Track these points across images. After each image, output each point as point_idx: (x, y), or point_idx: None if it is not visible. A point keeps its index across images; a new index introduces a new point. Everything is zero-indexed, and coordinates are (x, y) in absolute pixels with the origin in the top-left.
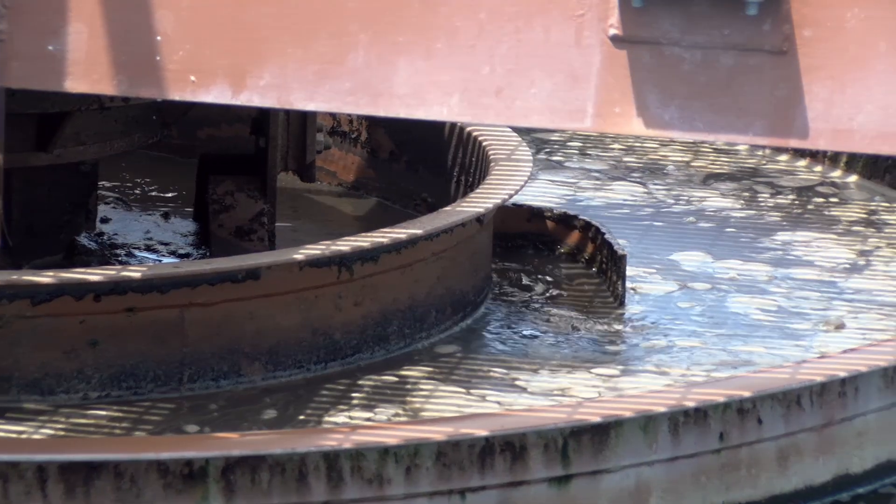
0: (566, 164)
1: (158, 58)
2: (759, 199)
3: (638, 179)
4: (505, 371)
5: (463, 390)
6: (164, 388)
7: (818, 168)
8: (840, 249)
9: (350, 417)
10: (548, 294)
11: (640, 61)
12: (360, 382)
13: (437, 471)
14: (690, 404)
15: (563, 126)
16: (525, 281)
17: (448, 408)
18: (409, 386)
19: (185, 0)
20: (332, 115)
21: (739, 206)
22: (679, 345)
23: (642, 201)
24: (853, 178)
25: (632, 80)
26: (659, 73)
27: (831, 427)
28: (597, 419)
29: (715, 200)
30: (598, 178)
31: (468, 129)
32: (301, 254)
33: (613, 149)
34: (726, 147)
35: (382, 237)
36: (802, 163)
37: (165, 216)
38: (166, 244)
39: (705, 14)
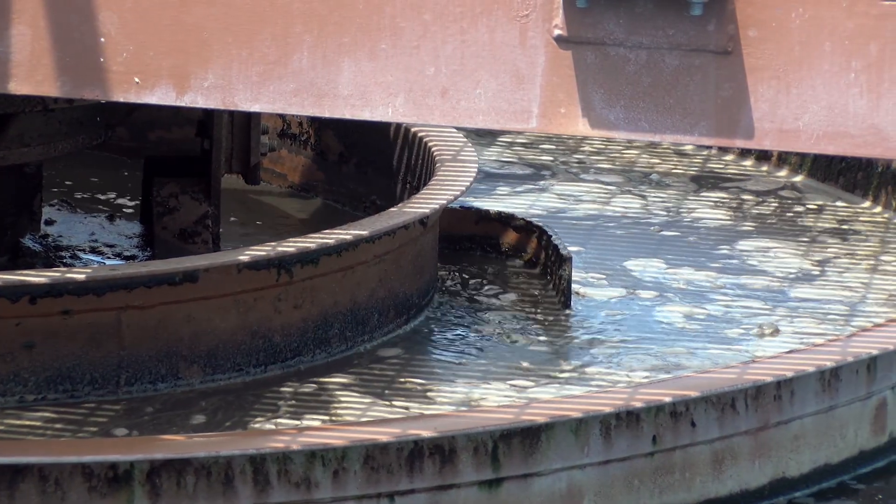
0: (581, 175)
1: (102, 59)
2: (737, 208)
3: (642, 192)
4: (424, 381)
5: (384, 401)
6: (100, 391)
7: (764, 167)
8: (797, 258)
9: (276, 425)
10: (494, 296)
11: (585, 62)
12: (286, 390)
13: (365, 474)
14: (623, 407)
15: (509, 127)
16: (472, 283)
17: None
18: (336, 394)
19: (129, 1)
20: (282, 118)
21: (719, 216)
22: (613, 351)
23: (626, 212)
24: (807, 181)
25: (577, 80)
26: (604, 74)
27: (767, 430)
28: (526, 422)
29: (703, 211)
30: (606, 190)
31: (413, 129)
32: (239, 256)
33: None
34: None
35: (322, 240)
36: (749, 162)
37: (110, 218)
38: (111, 246)
39: (650, 14)
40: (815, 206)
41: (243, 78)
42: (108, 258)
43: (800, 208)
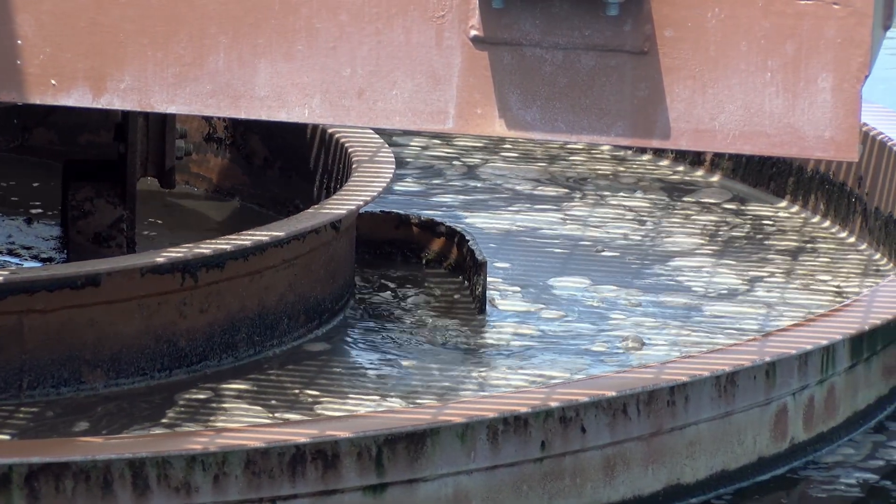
0: (608, 199)
1: (19, 62)
2: (683, 222)
3: (653, 217)
4: (321, 389)
5: (271, 410)
6: (2, 394)
7: (680, 168)
8: (730, 275)
9: (150, 431)
10: (411, 302)
11: (502, 62)
12: (179, 397)
13: (246, 479)
14: (510, 412)
15: (426, 127)
16: (390, 288)
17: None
18: (227, 401)
19: (46, 4)
20: (207, 122)
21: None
22: (510, 359)
23: (603, 235)
24: (735, 185)
25: (493, 81)
26: (520, 75)
27: (660, 436)
28: (411, 427)
29: (678, 237)
30: (616, 214)
31: (331, 131)
32: (142, 260)
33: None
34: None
35: (227, 244)
36: (665, 162)
37: (28, 221)
38: (28, 248)
39: (566, 15)
40: (764, 221)
41: (159, 79)
42: (26, 260)
43: (741, 220)
